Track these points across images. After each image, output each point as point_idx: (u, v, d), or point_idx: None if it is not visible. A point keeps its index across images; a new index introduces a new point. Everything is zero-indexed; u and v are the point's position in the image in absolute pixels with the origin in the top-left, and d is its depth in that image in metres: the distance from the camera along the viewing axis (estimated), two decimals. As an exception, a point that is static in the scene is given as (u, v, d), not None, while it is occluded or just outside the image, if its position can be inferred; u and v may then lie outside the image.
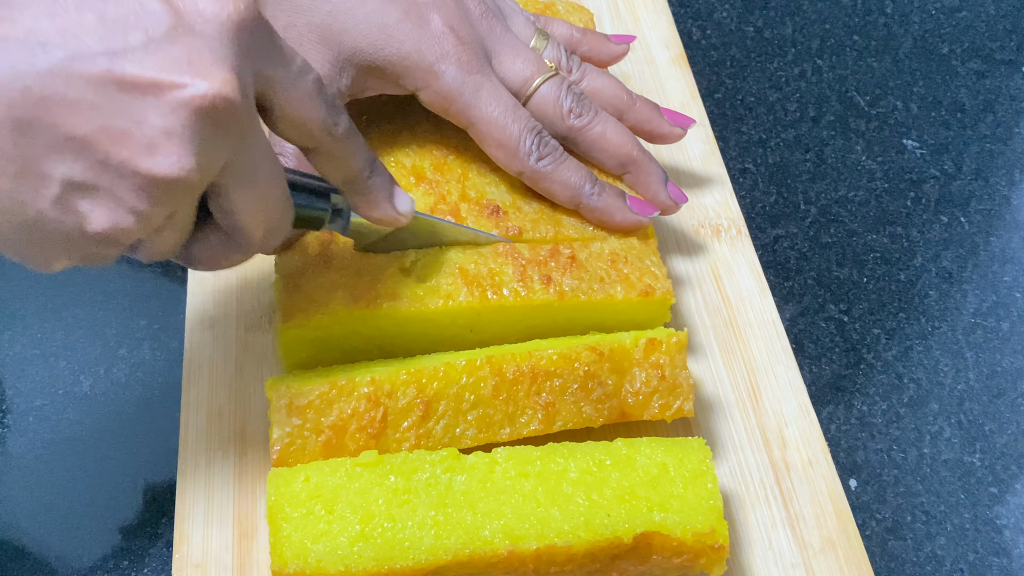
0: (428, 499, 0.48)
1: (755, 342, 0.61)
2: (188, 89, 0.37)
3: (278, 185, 0.44)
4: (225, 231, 0.44)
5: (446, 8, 0.55)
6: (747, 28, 0.82)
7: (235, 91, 0.38)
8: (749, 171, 0.73)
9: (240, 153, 0.41)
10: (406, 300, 0.53)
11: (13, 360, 0.61)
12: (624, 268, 0.56)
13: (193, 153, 0.38)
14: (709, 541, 0.48)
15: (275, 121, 0.44)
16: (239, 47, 0.39)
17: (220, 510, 0.53)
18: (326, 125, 0.45)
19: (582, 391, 0.52)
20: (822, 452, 0.57)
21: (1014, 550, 0.57)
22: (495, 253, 0.56)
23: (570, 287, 0.55)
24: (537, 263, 0.55)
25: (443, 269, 0.54)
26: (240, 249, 0.45)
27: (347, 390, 0.50)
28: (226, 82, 0.38)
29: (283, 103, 0.43)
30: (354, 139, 0.47)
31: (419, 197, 0.57)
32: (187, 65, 0.38)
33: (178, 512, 0.52)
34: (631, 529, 0.47)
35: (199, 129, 0.38)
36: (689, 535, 0.47)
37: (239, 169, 0.41)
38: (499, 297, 0.54)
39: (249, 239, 0.44)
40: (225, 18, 0.39)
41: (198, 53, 0.38)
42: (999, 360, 0.65)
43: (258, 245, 0.45)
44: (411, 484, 0.48)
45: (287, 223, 0.46)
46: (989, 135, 0.77)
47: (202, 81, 0.38)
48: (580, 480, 0.49)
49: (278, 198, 0.44)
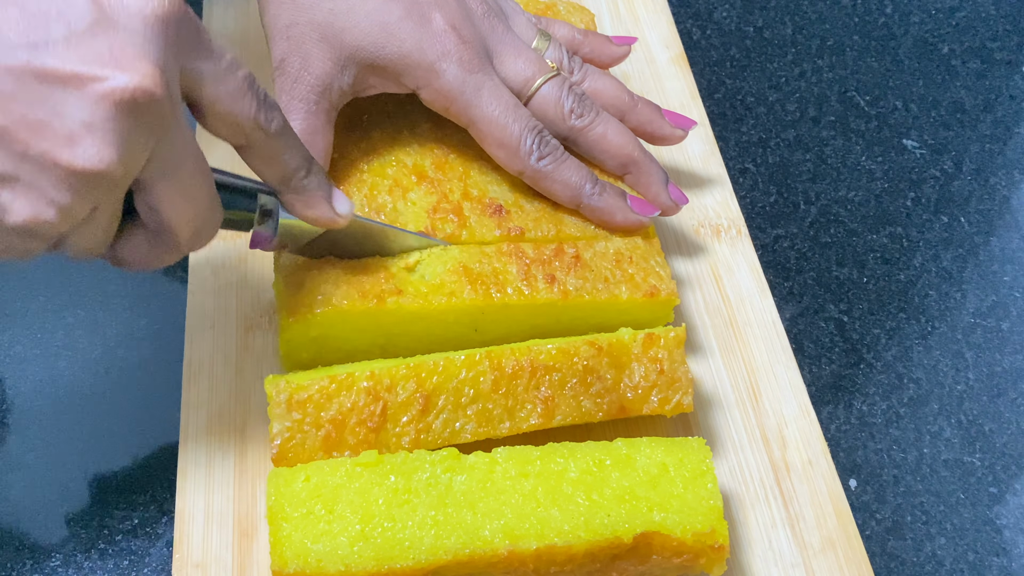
0: (428, 499, 0.47)
1: (755, 342, 0.61)
2: (109, 82, 0.37)
3: (204, 182, 0.44)
4: (152, 229, 0.44)
5: (448, 7, 0.55)
6: (747, 28, 0.82)
7: (157, 84, 0.38)
8: (749, 171, 0.73)
9: (163, 147, 0.40)
10: (409, 297, 0.53)
11: (13, 360, 0.61)
12: (629, 268, 0.56)
13: (114, 146, 0.38)
14: (709, 541, 0.48)
15: (204, 117, 0.44)
16: (163, 41, 0.39)
17: (220, 510, 0.53)
18: (257, 121, 0.45)
19: (581, 385, 0.52)
20: (822, 452, 0.57)
21: (1014, 550, 0.57)
22: (499, 252, 0.56)
23: (574, 287, 0.55)
24: (541, 262, 0.55)
25: (447, 267, 0.54)
26: (167, 248, 0.45)
27: (346, 384, 0.50)
28: (147, 75, 0.38)
29: (211, 98, 0.43)
30: (288, 137, 0.47)
31: (421, 196, 0.57)
32: (109, 58, 0.38)
33: (178, 512, 0.52)
34: (631, 529, 0.47)
35: (120, 122, 0.38)
36: (689, 535, 0.47)
37: (163, 164, 0.41)
38: (503, 296, 0.54)
39: (176, 237, 0.44)
40: (149, 12, 0.39)
41: (120, 47, 0.38)
42: (999, 360, 0.65)
43: (186, 244, 0.44)
44: (411, 484, 0.48)
45: (215, 221, 0.46)
46: (989, 135, 0.77)
47: (123, 74, 0.38)
48: (580, 480, 0.49)
49: (204, 195, 0.44)
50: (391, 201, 0.57)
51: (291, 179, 0.48)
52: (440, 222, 0.56)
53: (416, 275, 0.55)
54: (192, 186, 0.43)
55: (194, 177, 0.43)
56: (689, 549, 0.48)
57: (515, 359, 0.52)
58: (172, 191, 0.42)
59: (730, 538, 0.53)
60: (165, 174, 0.41)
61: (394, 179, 0.58)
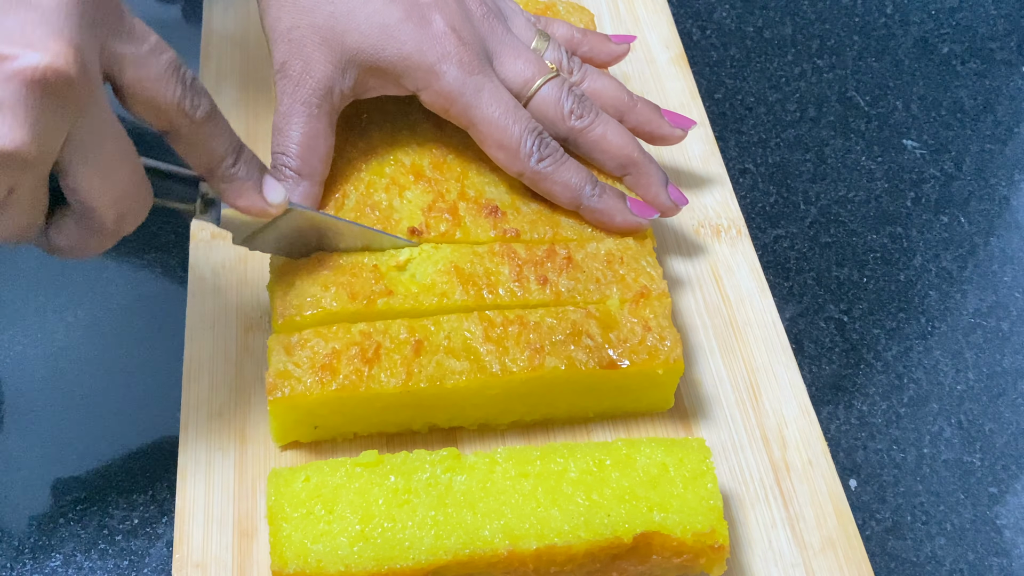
0: (428, 499, 0.48)
1: (755, 342, 0.61)
2: (19, 60, 0.37)
3: (126, 163, 0.43)
4: (77, 212, 0.43)
5: (448, 9, 0.55)
6: (747, 28, 0.82)
7: (71, 64, 0.38)
8: (749, 171, 0.73)
9: (81, 128, 0.40)
10: (400, 298, 0.54)
11: (13, 360, 0.61)
12: (620, 269, 0.56)
13: (26, 125, 0.37)
14: (709, 541, 0.48)
15: (126, 100, 0.43)
16: (80, 20, 0.39)
17: (220, 510, 0.53)
18: (182, 107, 0.44)
19: (571, 338, 0.53)
20: (822, 452, 0.57)
21: (1014, 550, 0.57)
22: (491, 252, 0.56)
23: (566, 288, 0.55)
24: (534, 263, 0.55)
25: (437, 267, 0.55)
26: (95, 233, 0.44)
27: (344, 329, 0.52)
28: (60, 54, 0.38)
29: (132, 82, 0.42)
30: (216, 124, 0.46)
31: (417, 195, 0.57)
32: (19, 36, 0.37)
33: (178, 512, 0.52)
34: (631, 529, 0.47)
35: (31, 101, 0.37)
36: (689, 535, 0.47)
37: (81, 145, 0.40)
38: (495, 297, 0.54)
39: (101, 221, 0.43)
40: None
41: (32, 25, 0.38)
42: (999, 360, 0.65)
43: (112, 228, 0.44)
44: (411, 484, 0.48)
45: (142, 205, 0.45)
46: (989, 135, 0.77)
47: (34, 53, 0.37)
48: (580, 480, 0.49)
49: (126, 177, 0.43)
50: (387, 199, 0.57)
51: (218, 167, 0.48)
52: (434, 221, 0.56)
53: (407, 275, 0.55)
54: (113, 167, 0.42)
55: (114, 157, 0.42)
56: (689, 549, 0.48)
57: (504, 317, 0.53)
58: (91, 172, 0.41)
59: (730, 538, 0.53)
60: (84, 155, 0.41)
61: (391, 178, 0.58)
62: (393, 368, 0.51)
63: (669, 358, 0.53)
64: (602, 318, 0.54)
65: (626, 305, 0.55)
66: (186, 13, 0.77)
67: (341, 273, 0.54)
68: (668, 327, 0.54)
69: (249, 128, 0.66)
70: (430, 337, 0.52)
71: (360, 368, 0.51)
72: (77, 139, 0.40)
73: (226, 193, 0.49)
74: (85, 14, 0.39)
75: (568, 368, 0.52)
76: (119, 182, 0.43)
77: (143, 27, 0.43)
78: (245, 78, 0.69)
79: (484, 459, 0.49)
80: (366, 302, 0.53)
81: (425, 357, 0.52)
